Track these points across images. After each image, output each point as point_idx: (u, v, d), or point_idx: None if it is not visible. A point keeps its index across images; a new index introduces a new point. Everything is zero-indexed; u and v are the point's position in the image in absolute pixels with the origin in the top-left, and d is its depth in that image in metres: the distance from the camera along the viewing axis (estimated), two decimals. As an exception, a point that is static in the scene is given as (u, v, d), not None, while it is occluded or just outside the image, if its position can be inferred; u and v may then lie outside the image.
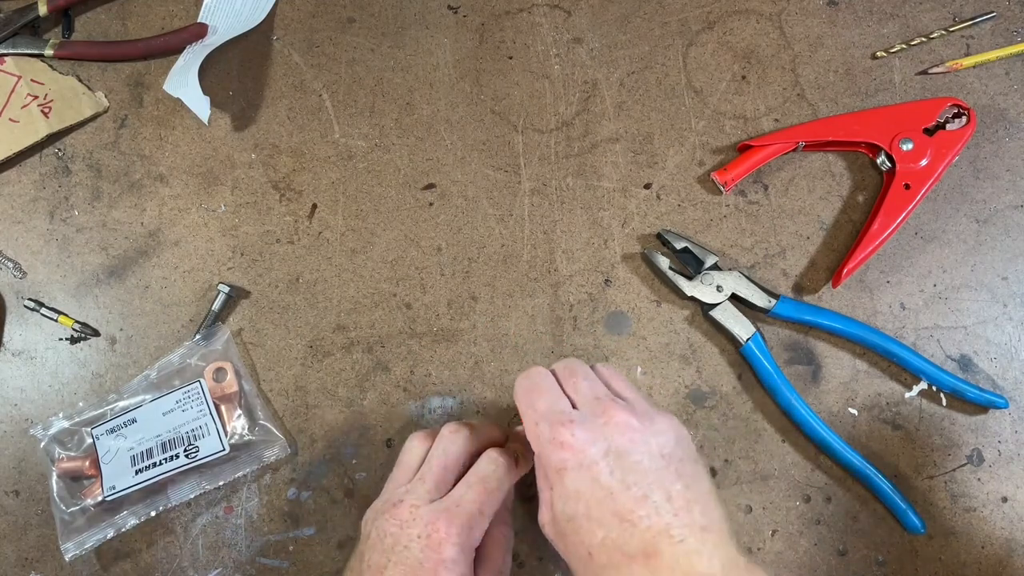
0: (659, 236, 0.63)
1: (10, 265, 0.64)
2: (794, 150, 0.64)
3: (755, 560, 0.42)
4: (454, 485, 0.48)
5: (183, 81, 0.63)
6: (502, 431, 0.54)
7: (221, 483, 0.59)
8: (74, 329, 0.63)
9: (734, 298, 0.61)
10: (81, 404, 0.61)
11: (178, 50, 0.67)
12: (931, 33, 0.66)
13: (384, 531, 0.46)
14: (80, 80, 0.67)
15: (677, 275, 0.61)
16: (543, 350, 0.62)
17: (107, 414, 0.60)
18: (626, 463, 0.43)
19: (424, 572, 0.43)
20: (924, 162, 0.61)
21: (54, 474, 0.59)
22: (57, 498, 0.58)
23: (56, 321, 0.63)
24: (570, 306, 0.63)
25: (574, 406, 0.46)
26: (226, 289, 0.62)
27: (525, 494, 0.59)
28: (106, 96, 0.67)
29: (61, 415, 0.60)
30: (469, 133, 0.66)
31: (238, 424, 0.60)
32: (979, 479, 0.59)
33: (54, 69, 0.67)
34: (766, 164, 0.64)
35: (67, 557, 0.57)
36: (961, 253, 0.63)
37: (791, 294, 0.62)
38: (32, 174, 0.66)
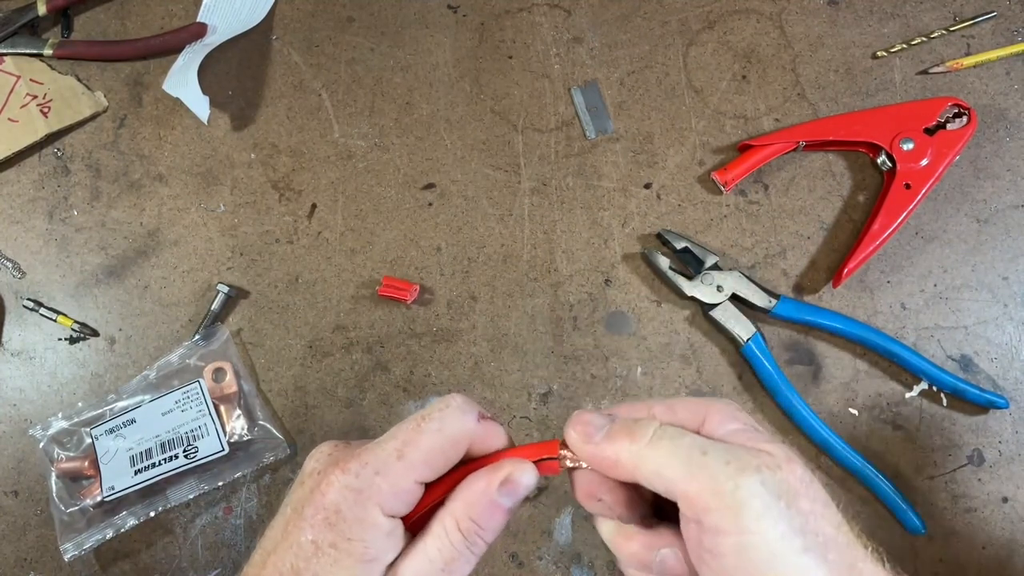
0: (659, 236, 0.63)
1: (9, 265, 0.64)
2: (794, 150, 0.64)
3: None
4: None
5: (182, 81, 0.63)
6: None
7: (220, 483, 0.59)
8: (73, 329, 0.63)
9: (734, 298, 0.61)
10: (80, 404, 0.61)
11: (177, 50, 0.67)
12: (932, 33, 0.65)
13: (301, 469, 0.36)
14: (79, 80, 0.67)
15: (677, 275, 0.61)
16: (543, 350, 0.62)
17: (106, 414, 0.60)
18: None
19: (319, 531, 0.33)
20: (925, 162, 0.61)
21: (53, 474, 0.59)
22: (56, 498, 0.58)
23: (55, 321, 0.63)
24: (570, 306, 0.63)
25: None
26: (225, 289, 0.62)
27: (526, 496, 0.59)
28: (105, 96, 0.67)
29: (60, 415, 0.60)
30: (469, 133, 0.66)
31: (237, 424, 0.60)
32: (980, 479, 0.59)
33: (53, 69, 0.67)
34: (766, 164, 0.64)
35: (66, 558, 0.57)
36: (962, 253, 0.62)
37: (791, 294, 0.62)
38: (31, 174, 0.66)
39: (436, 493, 0.34)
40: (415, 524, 0.35)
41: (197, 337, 0.62)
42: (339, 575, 0.32)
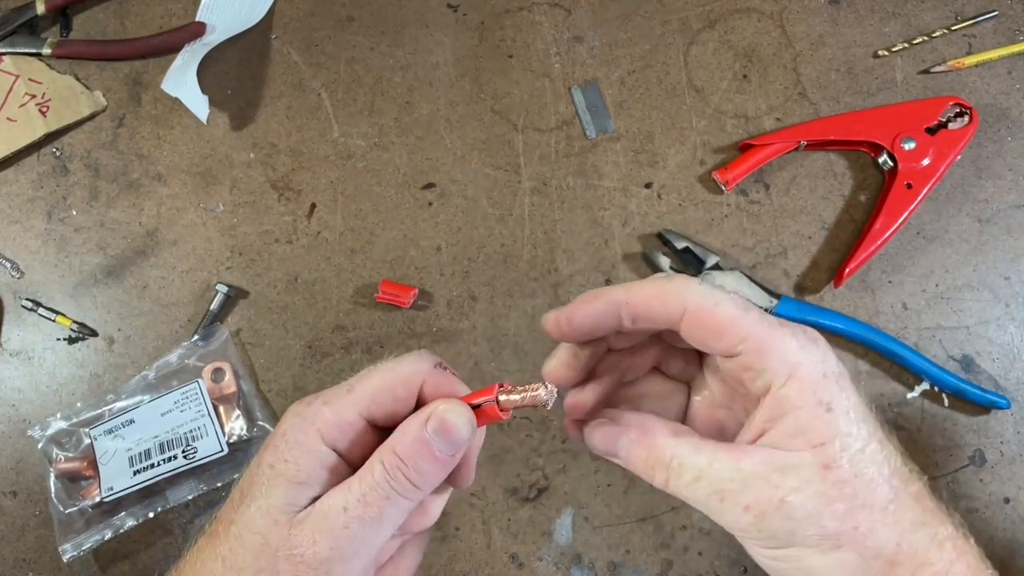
0: (660, 236, 0.62)
1: (8, 265, 0.64)
2: (795, 149, 0.64)
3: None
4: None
5: (181, 80, 0.63)
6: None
7: (219, 484, 0.59)
8: (72, 329, 0.63)
9: (735, 298, 0.60)
10: (79, 404, 0.61)
11: (176, 49, 0.67)
12: (933, 32, 0.65)
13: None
14: (78, 79, 0.67)
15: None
16: (543, 351, 0.62)
17: (105, 415, 0.60)
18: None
19: (266, 453, 0.34)
20: (926, 161, 0.60)
21: (52, 475, 0.58)
22: (55, 499, 0.58)
23: (54, 321, 0.63)
24: (570, 306, 0.62)
25: None
26: (224, 289, 0.62)
27: (526, 496, 0.59)
28: (104, 95, 0.67)
29: (59, 415, 0.60)
30: (469, 132, 0.66)
31: (236, 425, 0.59)
32: (981, 480, 0.59)
33: (52, 68, 0.67)
34: (767, 163, 0.63)
35: (65, 558, 0.57)
36: (963, 253, 0.62)
37: (793, 294, 0.62)
38: (30, 173, 0.66)
39: None
40: None
41: (196, 337, 0.62)
42: (270, 494, 0.33)
